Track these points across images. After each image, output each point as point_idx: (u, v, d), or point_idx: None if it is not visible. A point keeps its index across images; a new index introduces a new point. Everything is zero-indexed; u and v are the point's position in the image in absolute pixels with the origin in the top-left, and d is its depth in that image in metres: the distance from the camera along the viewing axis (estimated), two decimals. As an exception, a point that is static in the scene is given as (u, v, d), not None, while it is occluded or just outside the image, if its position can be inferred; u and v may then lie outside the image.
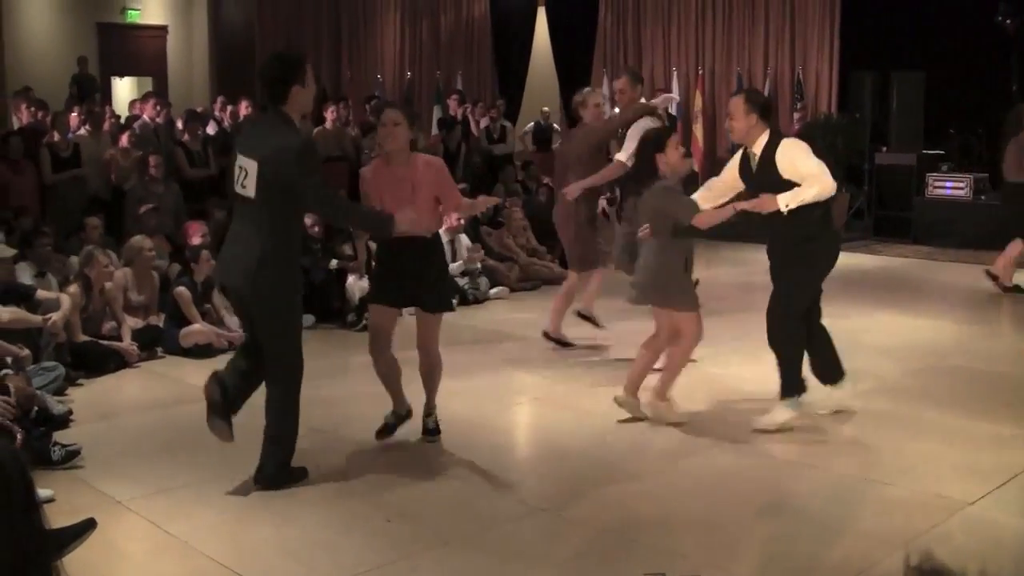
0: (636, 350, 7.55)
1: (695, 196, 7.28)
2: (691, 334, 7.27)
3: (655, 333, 7.43)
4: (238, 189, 5.99)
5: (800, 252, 6.93)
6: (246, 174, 5.91)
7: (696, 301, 7.30)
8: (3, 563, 1.74)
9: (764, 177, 6.88)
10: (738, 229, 7.57)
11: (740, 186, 7.17)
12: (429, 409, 7.04)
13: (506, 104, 19.08)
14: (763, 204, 6.81)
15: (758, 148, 6.91)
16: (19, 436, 6.27)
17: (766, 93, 18.23)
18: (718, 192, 7.30)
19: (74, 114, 14.08)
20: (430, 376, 6.96)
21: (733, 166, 7.22)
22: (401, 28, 22.78)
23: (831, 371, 7.36)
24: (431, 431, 7.02)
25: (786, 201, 6.70)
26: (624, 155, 8.95)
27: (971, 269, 13.04)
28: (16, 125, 14.87)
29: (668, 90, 18.94)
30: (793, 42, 18.44)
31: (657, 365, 7.56)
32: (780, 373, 7.12)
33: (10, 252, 8.68)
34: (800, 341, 7.09)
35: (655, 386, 7.39)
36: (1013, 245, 11.80)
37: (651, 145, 7.48)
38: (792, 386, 7.08)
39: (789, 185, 6.72)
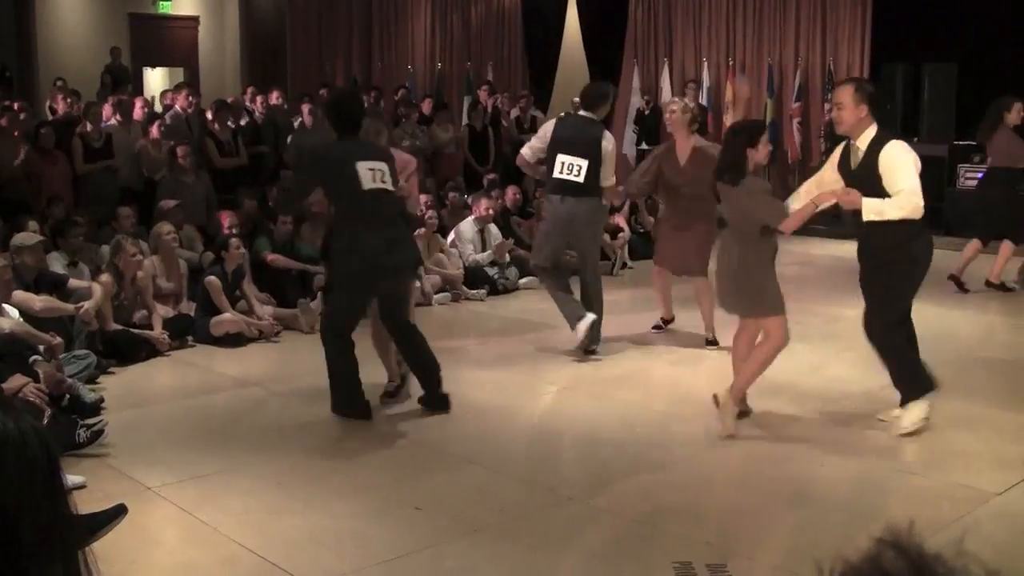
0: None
1: (788, 201, 6.95)
2: (778, 337, 6.86)
3: (740, 329, 7.19)
4: None
5: (892, 257, 6.65)
6: None
7: (783, 304, 6.90)
8: (24, 547, 1.73)
9: (864, 173, 6.54)
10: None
11: (839, 184, 6.73)
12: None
13: (536, 95, 19.07)
14: (850, 199, 6.48)
15: (863, 143, 6.58)
16: (47, 412, 6.32)
17: (796, 84, 18.25)
18: (813, 192, 6.88)
19: (107, 105, 14.15)
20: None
21: (833, 161, 6.88)
22: (432, 19, 22.78)
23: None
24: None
25: (871, 210, 6.40)
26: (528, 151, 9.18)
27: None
28: (50, 116, 14.96)
29: (698, 81, 18.90)
30: (824, 33, 18.36)
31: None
32: (900, 380, 6.87)
33: (34, 239, 8.72)
34: (905, 343, 6.80)
35: (731, 386, 6.98)
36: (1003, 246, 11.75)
37: (743, 138, 6.89)
38: (919, 387, 6.82)
39: (884, 190, 6.45)
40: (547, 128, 9.10)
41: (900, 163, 6.45)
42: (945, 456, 6.45)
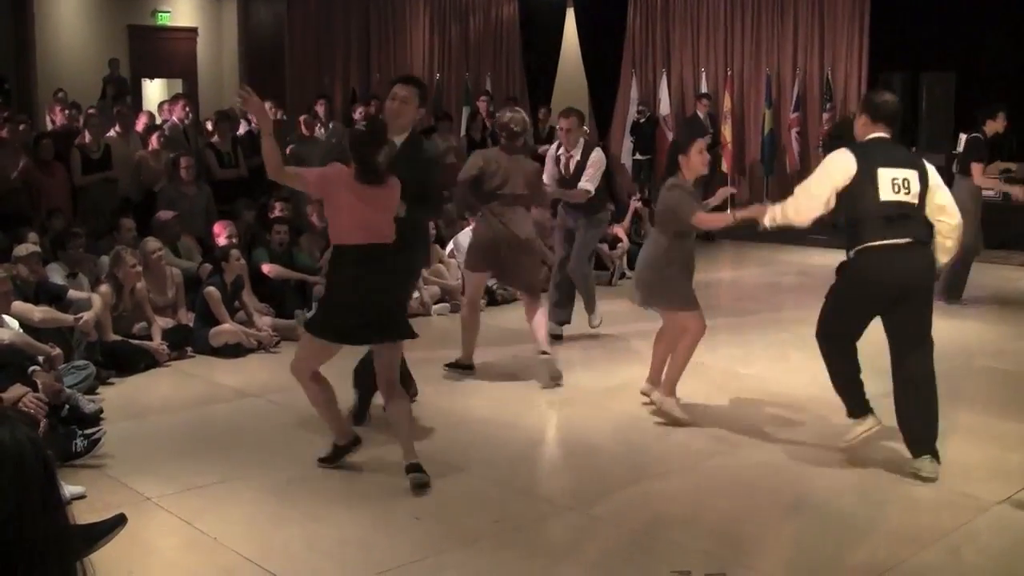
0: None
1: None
2: (694, 330, 7.30)
3: (662, 327, 7.61)
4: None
5: (840, 270, 6.49)
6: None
7: (693, 299, 7.29)
8: (21, 557, 1.73)
9: None
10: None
11: None
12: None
13: (534, 105, 19.12)
14: (757, 213, 6.69)
15: None
16: (43, 423, 6.32)
17: (795, 94, 18.28)
18: None
19: (91, 110, 14.10)
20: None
21: None
22: (430, 29, 22.82)
23: None
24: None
25: (772, 215, 6.53)
26: (590, 184, 9.54)
27: (1001, 269, 12.98)
28: (50, 127, 14.97)
29: (707, 93, 18.88)
30: (822, 43, 18.39)
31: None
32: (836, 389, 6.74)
33: (28, 250, 8.72)
34: (837, 356, 6.57)
35: (663, 381, 7.46)
36: None
37: (676, 146, 7.56)
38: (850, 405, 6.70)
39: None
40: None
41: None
42: (945, 465, 6.43)
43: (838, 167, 6.21)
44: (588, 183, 9.52)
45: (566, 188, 9.67)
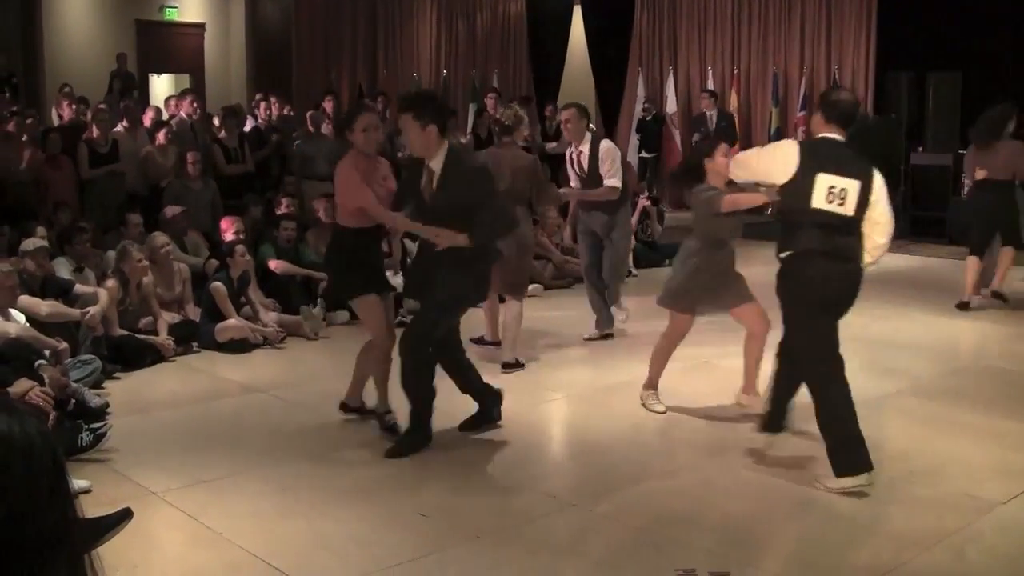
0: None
1: None
2: (671, 327, 7.47)
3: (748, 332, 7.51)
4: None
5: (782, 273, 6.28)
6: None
7: (682, 301, 7.32)
8: (30, 550, 1.73)
9: None
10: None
11: None
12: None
13: (540, 102, 19.11)
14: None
15: None
16: (52, 416, 6.34)
17: (802, 93, 18.27)
18: None
19: (100, 105, 14.12)
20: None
21: None
22: (437, 26, 22.82)
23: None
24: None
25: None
26: (615, 180, 9.32)
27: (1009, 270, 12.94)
28: (57, 122, 14.99)
29: (714, 91, 18.88)
30: (829, 42, 18.39)
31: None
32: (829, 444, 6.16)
33: (36, 244, 8.74)
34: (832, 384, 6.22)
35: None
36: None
37: (700, 151, 7.55)
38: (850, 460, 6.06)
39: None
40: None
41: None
42: (948, 465, 6.45)
43: (780, 161, 6.07)
44: (613, 179, 9.28)
45: (588, 188, 9.44)
